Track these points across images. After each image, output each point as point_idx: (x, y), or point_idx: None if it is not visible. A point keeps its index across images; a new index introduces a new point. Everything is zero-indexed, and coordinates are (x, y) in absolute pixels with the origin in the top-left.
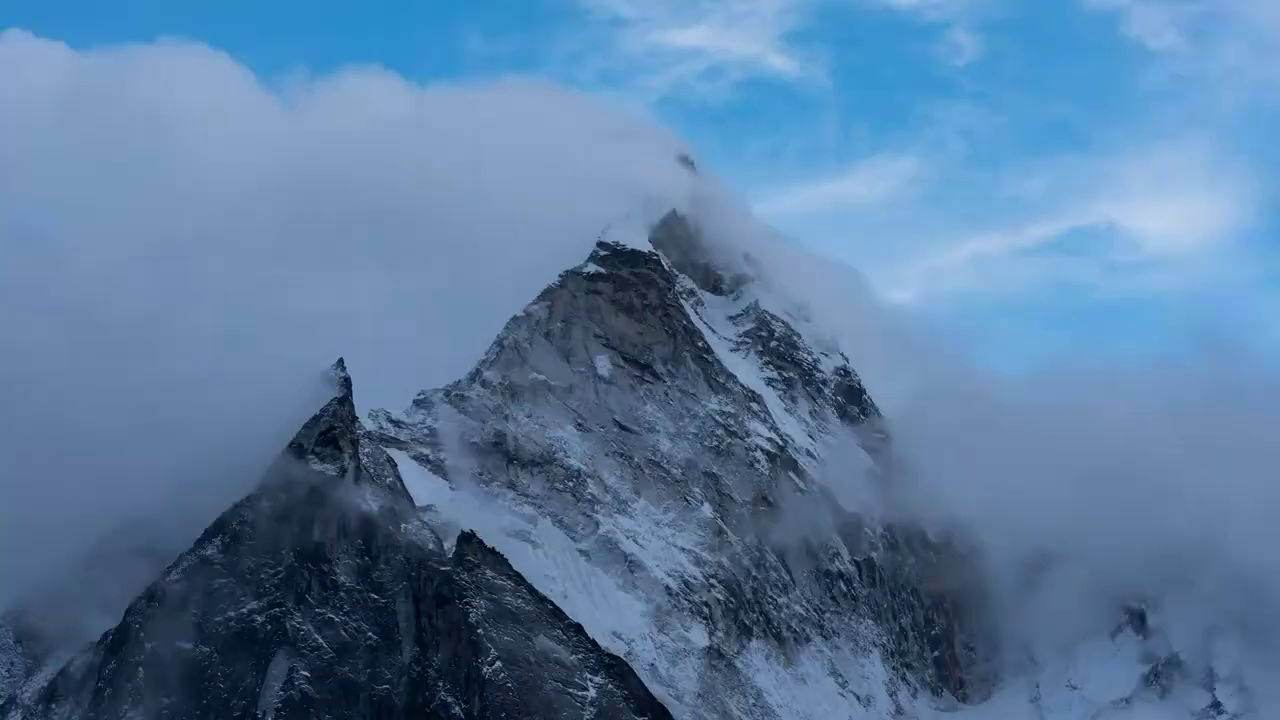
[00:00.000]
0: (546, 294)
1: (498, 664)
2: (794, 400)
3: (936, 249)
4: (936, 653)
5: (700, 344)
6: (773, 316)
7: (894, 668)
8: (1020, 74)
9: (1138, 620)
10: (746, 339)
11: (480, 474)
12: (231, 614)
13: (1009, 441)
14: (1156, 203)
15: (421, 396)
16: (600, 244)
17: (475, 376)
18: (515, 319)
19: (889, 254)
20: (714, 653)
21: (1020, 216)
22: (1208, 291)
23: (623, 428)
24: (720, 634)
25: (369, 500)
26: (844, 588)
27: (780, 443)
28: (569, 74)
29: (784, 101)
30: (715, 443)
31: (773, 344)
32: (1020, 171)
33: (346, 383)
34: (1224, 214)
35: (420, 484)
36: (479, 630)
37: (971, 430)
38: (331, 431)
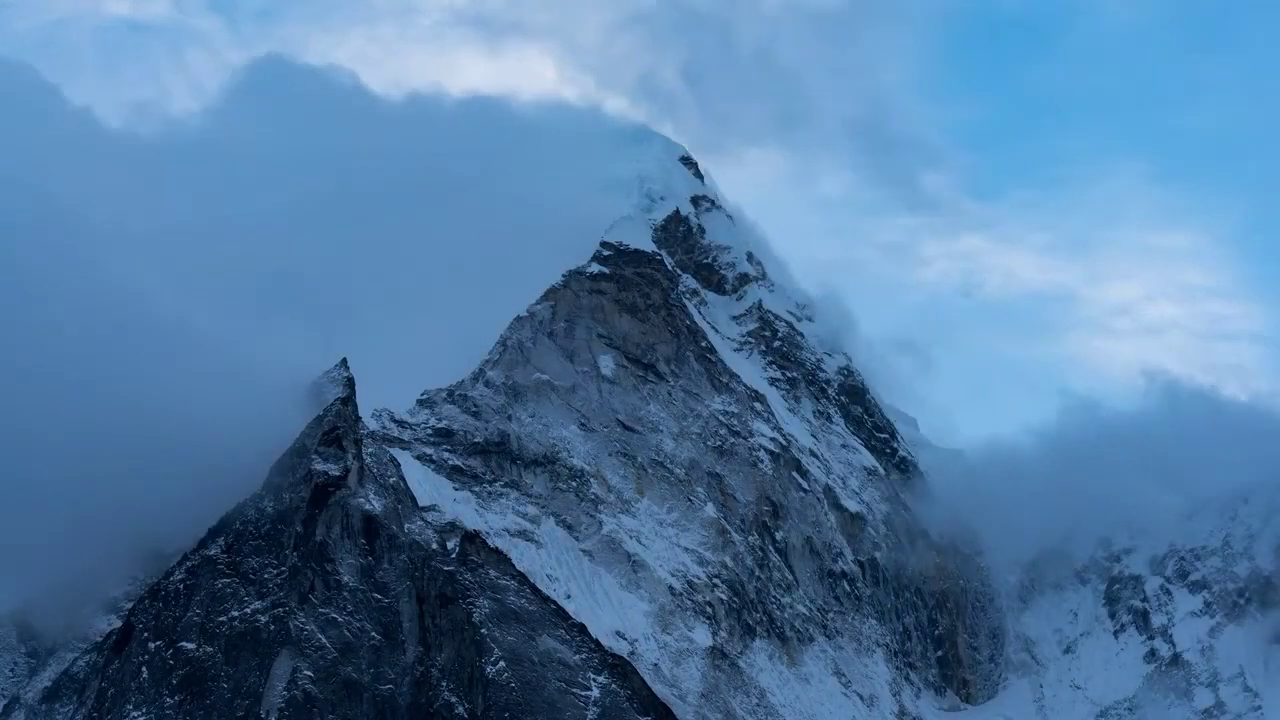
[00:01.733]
0: (550, 294)
1: (501, 664)
2: (797, 400)
3: None
4: (940, 652)
5: (703, 344)
6: (776, 316)
7: (897, 667)
8: None
9: (1141, 620)
10: (750, 339)
11: (484, 474)
12: (235, 614)
13: None
14: None
15: (425, 396)
16: (603, 244)
17: (479, 376)
18: (519, 319)
19: None
20: (717, 652)
21: None
22: None
23: (626, 427)
24: (724, 634)
25: (372, 500)
26: (847, 587)
27: (784, 442)
28: None
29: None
30: (719, 442)
31: (776, 344)
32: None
33: (350, 382)
34: None
35: (424, 484)
36: (482, 630)
37: None
38: (335, 431)
